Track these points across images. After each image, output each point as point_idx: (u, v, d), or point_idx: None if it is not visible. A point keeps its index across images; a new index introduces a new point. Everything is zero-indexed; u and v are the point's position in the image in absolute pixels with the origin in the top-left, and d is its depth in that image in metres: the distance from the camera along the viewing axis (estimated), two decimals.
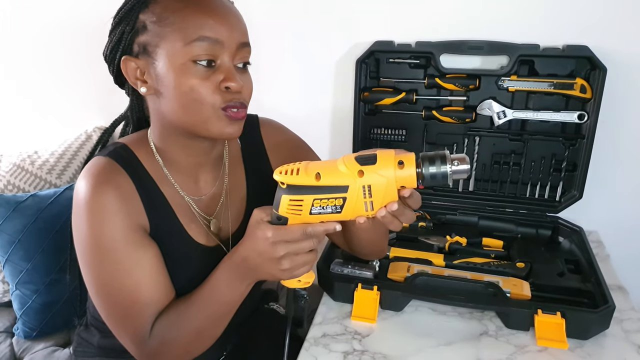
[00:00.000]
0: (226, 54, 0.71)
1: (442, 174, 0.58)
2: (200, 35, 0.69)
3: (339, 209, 0.62)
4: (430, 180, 0.59)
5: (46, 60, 1.51)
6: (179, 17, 0.69)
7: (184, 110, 0.72)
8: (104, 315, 0.77)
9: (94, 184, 0.72)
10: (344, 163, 0.62)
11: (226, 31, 0.70)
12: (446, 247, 1.12)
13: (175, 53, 0.69)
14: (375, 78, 1.26)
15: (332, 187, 0.62)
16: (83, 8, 1.40)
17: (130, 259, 0.73)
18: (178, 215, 0.81)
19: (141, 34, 0.72)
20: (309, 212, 0.63)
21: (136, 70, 0.74)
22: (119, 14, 0.75)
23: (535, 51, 1.12)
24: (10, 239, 1.23)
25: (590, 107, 1.12)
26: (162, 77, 0.72)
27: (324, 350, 0.85)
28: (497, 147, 1.23)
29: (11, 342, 1.25)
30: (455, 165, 0.58)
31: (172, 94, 0.72)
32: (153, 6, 0.71)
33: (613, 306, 0.87)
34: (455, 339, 0.88)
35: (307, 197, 0.63)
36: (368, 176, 0.60)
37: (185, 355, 0.78)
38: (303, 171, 0.63)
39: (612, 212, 1.25)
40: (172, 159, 0.81)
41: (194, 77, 0.70)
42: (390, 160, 0.60)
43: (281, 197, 0.64)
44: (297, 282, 0.72)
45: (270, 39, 1.31)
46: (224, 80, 0.71)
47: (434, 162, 0.59)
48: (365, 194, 0.61)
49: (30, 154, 1.42)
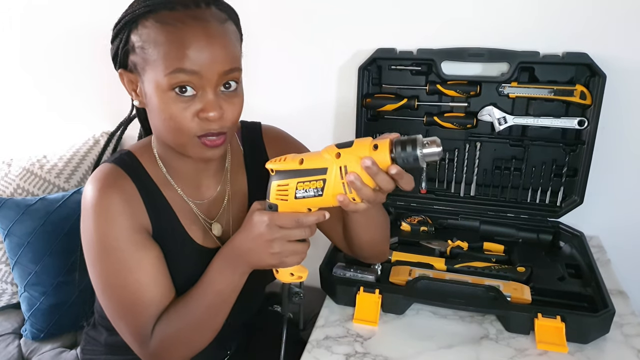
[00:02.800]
0: (207, 84, 0.71)
1: (414, 156, 0.61)
2: (177, 67, 0.69)
3: (320, 192, 0.66)
4: (403, 163, 0.62)
5: (56, 66, 1.54)
6: (159, 48, 0.70)
7: (166, 133, 0.75)
8: (108, 313, 0.80)
9: (100, 187, 0.76)
10: (325, 149, 0.66)
11: (206, 62, 0.69)
12: (447, 251, 1.13)
13: (158, 80, 0.71)
14: (377, 85, 1.28)
15: (313, 170, 0.66)
16: (93, 14, 1.43)
17: (132, 259, 0.76)
18: (180, 218, 0.83)
19: (132, 54, 0.74)
20: (294, 196, 0.68)
21: (130, 83, 0.77)
22: (115, 28, 0.76)
23: (536, 58, 1.14)
24: (20, 242, 1.26)
25: (590, 113, 1.13)
26: (148, 97, 0.74)
27: (326, 352, 0.87)
28: (498, 153, 1.24)
29: (19, 343, 1.27)
30: (427, 147, 0.60)
31: (156, 116, 0.74)
32: (141, 28, 0.72)
33: (613, 310, 0.87)
34: (456, 342, 0.89)
35: (292, 181, 0.68)
36: (344, 157, 0.64)
37: (187, 351, 0.80)
38: (290, 158, 0.69)
39: (612, 217, 1.26)
40: (172, 166, 0.83)
41: (173, 106, 0.71)
42: (365, 144, 0.64)
43: (271, 184, 0.70)
44: (290, 277, 0.74)
45: (273, 46, 1.32)
46: (202, 110, 0.71)
47: (406, 146, 0.61)
48: (342, 174, 0.64)
49: (40, 158, 1.44)
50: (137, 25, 0.72)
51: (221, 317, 0.79)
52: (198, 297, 0.77)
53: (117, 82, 0.83)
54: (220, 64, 0.71)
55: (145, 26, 0.71)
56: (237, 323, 0.98)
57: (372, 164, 0.62)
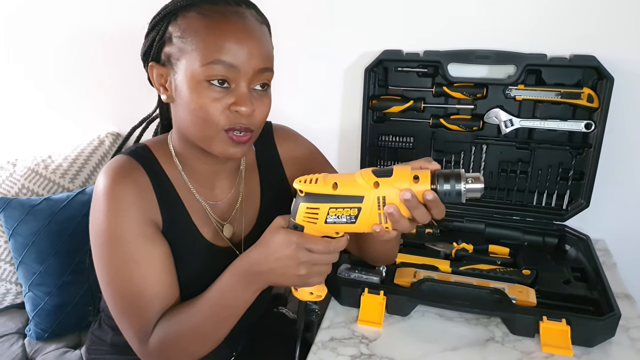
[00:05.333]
0: (242, 79, 0.72)
1: (457, 191, 0.60)
2: (216, 58, 0.70)
3: (353, 219, 0.64)
4: (444, 197, 0.61)
5: (62, 67, 1.55)
6: (199, 37, 0.71)
7: (192, 125, 0.75)
8: (111, 307, 0.79)
9: (114, 177, 0.76)
10: (361, 175, 0.64)
11: (244, 56, 0.71)
12: (453, 253, 1.13)
13: (193, 70, 0.71)
14: (383, 86, 1.28)
15: (347, 197, 0.63)
16: (98, 16, 1.43)
17: (140, 252, 0.76)
18: (192, 216, 0.83)
19: (167, 45, 0.75)
20: (324, 221, 0.65)
21: (160, 77, 0.78)
22: (153, 20, 0.77)
23: (543, 61, 1.13)
24: (24, 242, 1.26)
25: (597, 116, 1.13)
26: (179, 89, 0.74)
27: (332, 354, 0.86)
28: (504, 155, 1.24)
29: (23, 343, 1.27)
30: (470, 183, 0.60)
31: (185, 108, 0.74)
32: (181, 20, 0.73)
33: (619, 314, 0.87)
34: (461, 344, 0.88)
35: (323, 206, 0.65)
36: (383, 188, 0.62)
37: (185, 357, 0.79)
38: (321, 181, 0.65)
39: (619, 221, 1.26)
40: (189, 164, 0.83)
41: (205, 97, 0.71)
42: (406, 175, 0.61)
43: (299, 205, 0.67)
44: (310, 295, 0.73)
45: (281, 48, 1.31)
46: (235, 103, 0.72)
47: (449, 179, 0.60)
48: (380, 205, 0.62)
49: (45, 159, 1.45)
50: (177, 17, 0.74)
51: (225, 330, 0.78)
52: (205, 306, 0.76)
53: (123, 83, 0.83)
54: (257, 60, 0.72)
55: (185, 17, 0.73)
56: (243, 324, 0.98)
57: (412, 197, 0.61)
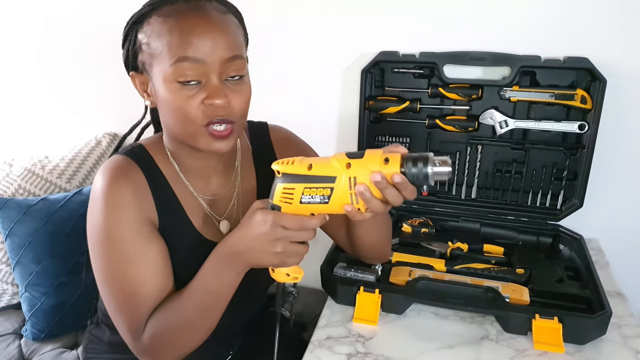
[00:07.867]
0: (211, 71, 0.72)
1: (424, 174, 0.61)
2: (180, 55, 0.71)
3: (326, 199, 0.66)
4: (412, 179, 0.62)
5: (59, 67, 1.55)
6: (163, 39, 0.72)
7: (176, 125, 0.76)
8: (107, 304, 0.80)
9: (110, 177, 0.77)
10: (335, 157, 0.66)
11: (207, 48, 0.71)
12: (448, 252, 1.14)
13: (164, 73, 0.73)
14: (380, 87, 1.29)
15: (321, 177, 0.66)
16: (97, 17, 1.44)
17: (136, 250, 0.76)
18: (188, 213, 0.84)
19: (140, 53, 0.76)
20: (299, 200, 0.68)
21: (142, 84, 0.79)
22: (124, 31, 0.79)
23: (537, 62, 1.15)
24: (21, 242, 1.26)
25: (590, 117, 1.14)
26: (158, 93, 0.76)
27: (328, 352, 0.87)
28: (499, 156, 1.25)
29: (20, 344, 1.27)
30: (437, 166, 0.61)
31: (166, 110, 0.76)
32: (146, 26, 0.75)
33: (610, 312, 0.88)
34: (456, 342, 0.89)
35: (299, 186, 0.67)
36: (355, 168, 0.64)
37: (177, 350, 0.79)
38: (298, 162, 0.68)
39: (612, 221, 1.27)
40: (183, 161, 0.84)
41: (180, 96, 0.72)
42: (376, 157, 0.64)
43: (276, 186, 0.70)
44: (286, 277, 0.75)
45: (277, 49, 1.34)
46: (207, 97, 0.73)
47: (417, 162, 0.62)
48: (351, 185, 0.64)
49: (41, 159, 1.45)
50: (142, 25, 0.75)
51: (214, 318, 0.78)
52: (190, 296, 0.76)
53: (119, 84, 0.84)
54: (222, 50, 0.72)
55: (149, 23, 0.74)
56: (239, 324, 0.98)
57: (382, 178, 0.62)
